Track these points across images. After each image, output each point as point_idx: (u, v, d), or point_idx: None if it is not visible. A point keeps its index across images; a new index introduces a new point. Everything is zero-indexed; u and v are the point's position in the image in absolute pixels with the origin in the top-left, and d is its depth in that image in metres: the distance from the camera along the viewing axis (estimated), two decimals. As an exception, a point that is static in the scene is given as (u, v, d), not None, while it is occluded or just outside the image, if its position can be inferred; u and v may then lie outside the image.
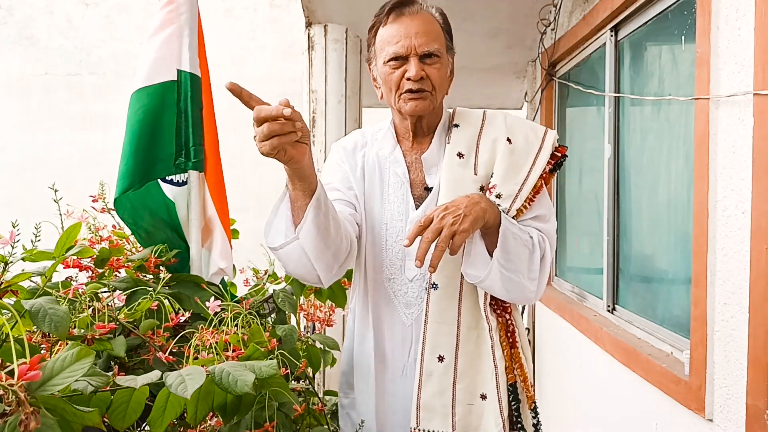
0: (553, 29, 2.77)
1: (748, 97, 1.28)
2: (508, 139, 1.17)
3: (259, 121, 0.85)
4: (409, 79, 1.11)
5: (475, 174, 1.15)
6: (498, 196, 1.12)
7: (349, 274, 1.40)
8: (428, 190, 1.19)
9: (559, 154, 1.19)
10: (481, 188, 1.15)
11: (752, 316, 1.26)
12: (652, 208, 1.97)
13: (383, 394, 1.21)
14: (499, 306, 1.15)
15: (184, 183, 1.25)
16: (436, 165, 1.20)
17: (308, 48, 2.93)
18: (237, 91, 0.85)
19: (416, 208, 1.18)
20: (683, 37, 1.71)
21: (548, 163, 1.17)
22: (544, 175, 1.17)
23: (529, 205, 1.15)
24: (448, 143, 1.19)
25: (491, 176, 1.15)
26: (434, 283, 1.14)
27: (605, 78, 2.27)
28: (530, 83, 3.51)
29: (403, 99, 1.14)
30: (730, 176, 1.36)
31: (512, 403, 1.13)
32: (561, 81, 2.87)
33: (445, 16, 1.20)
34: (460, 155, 1.17)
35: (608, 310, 2.25)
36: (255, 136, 0.88)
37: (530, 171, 1.15)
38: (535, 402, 1.17)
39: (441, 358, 1.13)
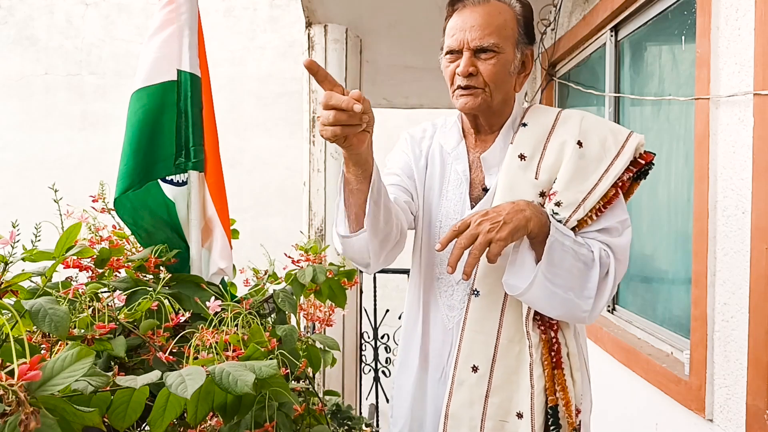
0: (553, 29, 2.76)
1: (748, 97, 1.28)
2: (579, 143, 1.07)
3: (327, 108, 0.84)
4: (459, 75, 1.07)
5: (536, 178, 1.07)
6: (557, 204, 1.04)
7: (349, 273, 1.40)
8: (486, 191, 1.14)
9: (643, 162, 1.07)
10: (542, 194, 1.07)
11: (752, 316, 1.26)
12: (652, 208, 1.97)
13: (422, 393, 1.19)
14: (544, 322, 1.06)
15: (184, 183, 1.25)
16: (497, 165, 1.13)
17: (308, 48, 2.93)
18: (314, 69, 0.84)
19: (471, 209, 1.13)
20: (683, 37, 1.71)
21: (628, 170, 1.06)
22: (620, 184, 1.06)
23: (597, 216, 1.05)
24: (511, 143, 1.12)
25: (554, 182, 1.07)
26: (476, 290, 1.09)
27: (605, 78, 2.27)
28: (530, 83, 3.50)
29: (456, 95, 1.11)
30: (730, 176, 1.35)
31: (551, 428, 1.05)
32: (561, 81, 2.87)
33: (526, 6, 1.11)
34: (522, 157, 1.09)
35: (608, 310, 2.25)
36: (318, 117, 0.87)
37: (600, 179, 1.05)
38: (576, 429, 1.08)
39: (475, 369, 1.08)
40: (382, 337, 3.67)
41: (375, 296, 4.18)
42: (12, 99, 5.99)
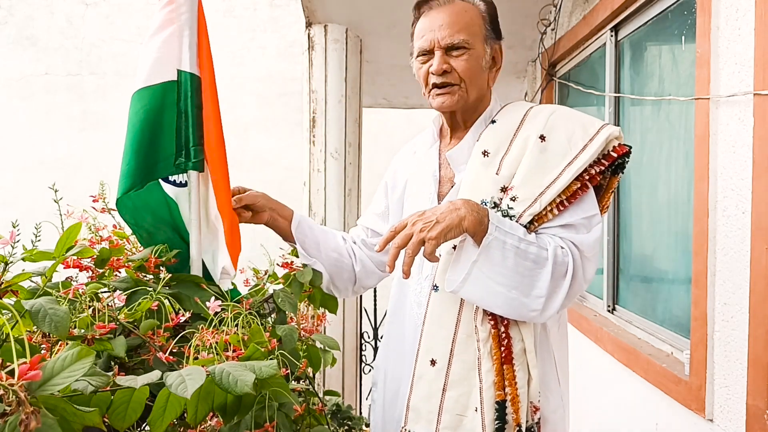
0: (553, 29, 2.76)
1: (748, 97, 1.28)
2: (542, 137, 1.07)
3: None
4: (433, 74, 1.10)
5: (497, 174, 1.08)
6: (513, 199, 1.04)
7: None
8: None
9: (616, 155, 1.05)
10: (503, 189, 1.08)
11: (752, 316, 1.26)
12: (652, 208, 1.97)
13: (397, 387, 1.21)
14: (495, 317, 1.05)
15: (185, 184, 1.25)
16: (464, 162, 1.15)
17: (308, 48, 2.93)
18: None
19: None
20: (683, 37, 1.71)
21: (600, 164, 1.04)
22: (588, 178, 1.04)
23: (559, 210, 1.04)
24: (477, 140, 1.14)
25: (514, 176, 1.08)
26: (435, 285, 1.10)
27: (605, 78, 2.27)
28: (530, 83, 3.50)
29: (432, 94, 1.13)
30: (730, 176, 1.36)
31: (496, 423, 1.02)
32: (561, 81, 2.87)
33: (489, 4, 1.15)
34: (485, 153, 1.11)
35: (608, 310, 2.25)
36: None
37: (561, 173, 1.03)
38: (520, 426, 1.03)
39: (433, 362, 1.08)
40: (382, 338, 3.69)
41: (375, 296, 4.18)
42: (12, 99, 5.99)
